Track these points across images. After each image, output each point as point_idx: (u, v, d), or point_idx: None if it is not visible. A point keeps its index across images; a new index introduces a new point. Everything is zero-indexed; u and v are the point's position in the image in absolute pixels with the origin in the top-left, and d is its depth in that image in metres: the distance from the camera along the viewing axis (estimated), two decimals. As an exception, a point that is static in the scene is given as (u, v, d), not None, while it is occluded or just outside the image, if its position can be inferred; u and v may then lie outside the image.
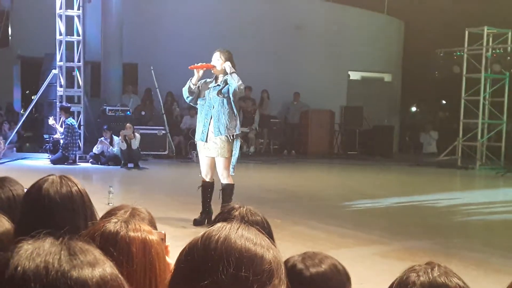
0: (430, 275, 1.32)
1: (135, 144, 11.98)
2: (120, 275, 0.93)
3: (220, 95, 6.18)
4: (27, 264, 0.86)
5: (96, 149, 12.11)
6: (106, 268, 0.91)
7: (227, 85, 6.19)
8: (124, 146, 11.84)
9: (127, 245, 1.48)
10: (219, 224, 1.17)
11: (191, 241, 1.16)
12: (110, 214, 2.03)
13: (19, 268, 0.85)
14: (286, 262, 1.44)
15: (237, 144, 6.27)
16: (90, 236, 1.48)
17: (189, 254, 1.13)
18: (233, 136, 6.19)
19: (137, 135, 12.17)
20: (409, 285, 1.30)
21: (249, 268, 1.08)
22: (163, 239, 1.57)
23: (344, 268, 1.79)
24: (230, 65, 6.21)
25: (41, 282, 0.84)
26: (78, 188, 1.87)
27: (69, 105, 12.51)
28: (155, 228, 1.92)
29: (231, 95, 6.17)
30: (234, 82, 6.14)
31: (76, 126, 12.34)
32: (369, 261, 5.09)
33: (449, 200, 9.11)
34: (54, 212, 1.78)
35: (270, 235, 1.89)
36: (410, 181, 11.89)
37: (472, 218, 7.87)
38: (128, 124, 12.15)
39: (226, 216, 1.91)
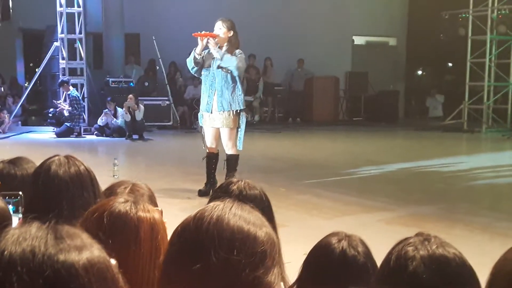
0: (429, 248, 1.31)
1: (139, 115, 11.94)
2: (108, 258, 0.93)
3: (223, 69, 6.14)
4: (13, 249, 0.86)
5: (100, 121, 12.12)
6: (93, 251, 0.91)
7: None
8: (128, 117, 11.82)
9: (136, 227, 1.48)
10: (212, 204, 1.16)
11: (184, 221, 1.15)
12: (110, 190, 2.04)
13: (5, 253, 0.85)
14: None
15: (243, 119, 6.25)
16: (98, 215, 1.49)
17: (181, 235, 1.13)
18: (237, 111, 6.16)
19: (141, 106, 12.11)
20: (409, 259, 1.29)
21: (241, 251, 1.07)
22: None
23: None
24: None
25: (27, 266, 0.84)
26: (85, 166, 1.93)
27: (66, 78, 12.44)
28: (155, 204, 1.92)
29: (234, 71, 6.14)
30: (230, 65, 6.09)
31: (80, 98, 12.33)
32: (374, 228, 5.10)
33: (454, 164, 9.08)
34: (64, 191, 1.84)
35: (269, 209, 1.90)
36: (415, 146, 11.86)
37: (477, 183, 7.86)
38: (130, 95, 12.08)
39: (224, 189, 1.92)
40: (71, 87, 12.20)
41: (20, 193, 2.01)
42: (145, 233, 1.48)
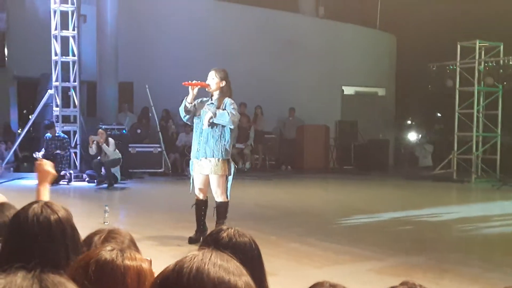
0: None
1: (109, 151, 11.49)
2: None
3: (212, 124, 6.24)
4: None
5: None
6: None
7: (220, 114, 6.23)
8: (93, 151, 11.56)
9: (122, 275, 1.48)
10: (190, 254, 1.15)
11: (163, 273, 1.13)
12: (88, 239, 2.02)
13: None
14: None
15: (231, 169, 6.31)
16: (85, 263, 1.49)
17: (162, 284, 1.11)
18: (218, 160, 6.21)
19: (110, 140, 11.68)
20: None
21: None
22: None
23: None
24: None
25: None
26: (58, 216, 1.84)
27: (50, 121, 12.47)
28: (137, 249, 1.92)
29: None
30: (223, 121, 6.20)
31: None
32: (365, 277, 5.11)
33: (445, 214, 9.11)
34: (32, 241, 1.77)
35: (258, 257, 1.92)
36: (405, 195, 11.91)
37: (468, 233, 7.87)
38: (100, 129, 11.83)
39: (214, 237, 1.93)
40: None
41: None
42: (132, 281, 1.48)
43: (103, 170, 11.67)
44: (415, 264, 5.71)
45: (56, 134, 12.26)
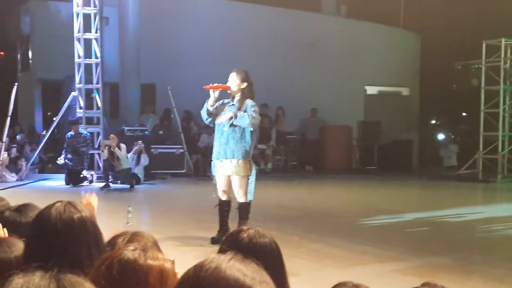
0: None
1: (121, 155, 11.54)
2: None
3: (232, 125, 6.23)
4: None
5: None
6: None
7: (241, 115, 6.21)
8: (104, 156, 11.62)
9: (145, 274, 1.48)
10: (213, 255, 1.19)
11: (187, 270, 1.18)
12: (109, 243, 2.03)
13: None
14: None
15: (252, 171, 6.29)
16: (108, 263, 1.50)
17: (182, 282, 1.15)
18: (239, 161, 6.20)
19: (122, 145, 11.74)
20: None
21: None
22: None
23: None
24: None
25: None
26: (81, 215, 1.85)
27: (75, 117, 12.71)
28: (160, 251, 1.92)
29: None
30: (244, 124, 6.19)
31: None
32: (389, 278, 5.04)
33: (470, 214, 8.99)
34: (55, 240, 1.78)
35: (278, 257, 1.89)
36: (430, 196, 11.77)
37: (493, 233, 7.75)
38: (112, 134, 11.89)
39: (234, 237, 1.91)
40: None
41: None
42: (154, 280, 1.48)
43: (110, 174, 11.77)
44: (440, 265, 5.62)
45: (79, 131, 12.39)
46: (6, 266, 1.71)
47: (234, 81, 6.31)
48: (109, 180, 11.58)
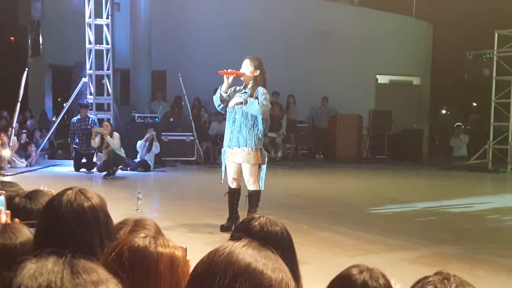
0: (448, 287, 1.31)
1: (113, 143, 11.15)
2: None
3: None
4: (30, 283, 0.86)
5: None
6: (109, 286, 0.92)
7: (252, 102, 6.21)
8: (95, 143, 11.33)
9: (155, 261, 1.49)
10: (228, 242, 1.20)
11: (203, 257, 1.20)
12: (116, 229, 2.04)
13: (22, 287, 0.86)
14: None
15: (264, 158, 6.30)
16: (118, 250, 1.51)
17: (197, 267, 1.18)
18: (251, 149, 6.21)
19: (116, 133, 11.38)
20: None
21: (245, 281, 1.09)
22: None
23: None
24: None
25: None
26: (92, 202, 1.84)
27: (86, 101, 12.69)
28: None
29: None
30: (253, 110, 6.18)
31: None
32: (397, 267, 5.05)
33: (479, 204, 8.96)
34: (65, 227, 1.78)
35: (290, 246, 1.90)
36: (440, 186, 11.75)
37: (503, 223, 7.74)
38: (105, 122, 11.67)
39: (246, 225, 1.91)
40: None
41: None
42: (164, 267, 1.48)
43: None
44: (449, 254, 5.64)
45: (87, 115, 12.34)
46: (11, 252, 1.72)
47: (247, 68, 6.31)
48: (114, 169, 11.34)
